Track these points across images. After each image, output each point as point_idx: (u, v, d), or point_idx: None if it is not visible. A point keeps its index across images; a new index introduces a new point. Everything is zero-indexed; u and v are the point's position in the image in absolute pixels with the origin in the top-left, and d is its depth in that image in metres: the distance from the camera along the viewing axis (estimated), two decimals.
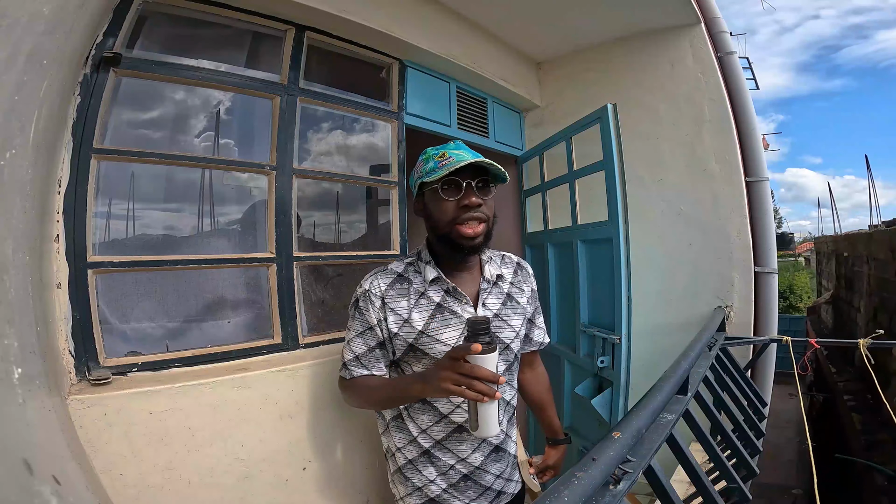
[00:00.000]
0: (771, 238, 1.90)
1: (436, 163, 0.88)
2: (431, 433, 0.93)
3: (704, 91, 1.96)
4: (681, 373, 0.97)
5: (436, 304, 0.92)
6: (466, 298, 0.93)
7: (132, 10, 1.11)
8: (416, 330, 0.89)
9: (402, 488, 0.96)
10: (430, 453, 0.93)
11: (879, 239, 5.31)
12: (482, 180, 0.88)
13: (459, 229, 0.87)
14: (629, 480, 0.61)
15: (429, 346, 0.89)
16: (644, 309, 1.90)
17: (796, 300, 14.66)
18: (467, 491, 0.94)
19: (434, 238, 0.94)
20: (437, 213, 0.90)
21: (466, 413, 0.92)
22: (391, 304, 0.91)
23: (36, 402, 0.62)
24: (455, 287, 0.92)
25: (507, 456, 1.00)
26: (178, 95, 1.27)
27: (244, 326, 1.32)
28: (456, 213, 0.87)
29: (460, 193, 0.86)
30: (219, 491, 1.08)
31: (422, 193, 0.94)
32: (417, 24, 1.68)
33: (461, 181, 0.86)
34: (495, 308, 0.97)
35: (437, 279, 0.93)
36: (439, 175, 0.84)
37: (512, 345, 0.98)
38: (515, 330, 0.99)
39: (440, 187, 0.86)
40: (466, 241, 0.88)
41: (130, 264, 1.12)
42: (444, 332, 0.90)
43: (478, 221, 0.88)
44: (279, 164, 1.35)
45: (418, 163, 0.94)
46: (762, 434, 1.42)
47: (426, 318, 0.90)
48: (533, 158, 2.20)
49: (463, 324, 0.91)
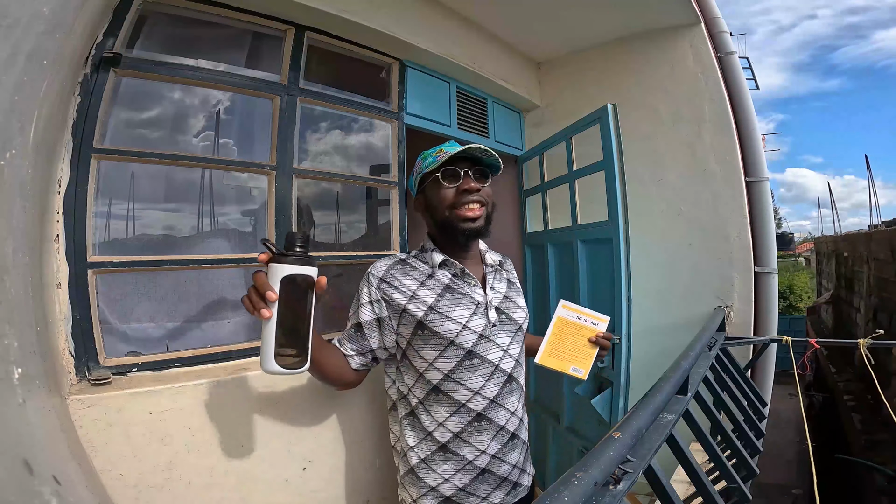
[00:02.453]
0: (771, 238, 1.90)
1: (434, 158, 0.92)
2: (449, 426, 0.91)
3: (704, 91, 1.96)
4: (681, 373, 0.97)
5: (445, 285, 0.93)
6: (475, 280, 0.96)
7: (132, 10, 1.10)
8: (426, 305, 0.90)
9: (413, 490, 0.94)
10: (447, 448, 0.91)
11: (879, 239, 5.31)
12: (479, 170, 0.93)
13: (459, 213, 0.91)
14: (629, 480, 0.61)
15: (438, 323, 0.90)
16: (644, 309, 1.90)
17: (796, 300, 14.67)
18: (483, 485, 0.92)
19: (436, 227, 0.97)
20: (436, 201, 0.93)
21: (486, 400, 0.90)
22: (393, 283, 0.92)
23: (36, 402, 0.62)
24: (464, 269, 0.95)
25: (523, 443, 1.00)
26: (178, 95, 1.27)
27: (244, 326, 1.32)
28: (455, 198, 0.91)
29: (459, 180, 0.91)
30: (219, 491, 1.08)
31: (422, 190, 0.97)
32: (417, 24, 1.68)
33: (459, 170, 0.91)
34: (503, 291, 1.00)
35: (446, 262, 0.95)
36: (439, 162, 0.89)
37: (523, 325, 1.01)
38: (524, 310, 1.03)
39: (440, 176, 0.90)
40: (467, 224, 0.91)
41: (130, 264, 1.12)
42: (454, 309, 0.91)
43: (478, 205, 0.92)
44: (279, 164, 1.35)
45: (416, 164, 0.98)
46: (762, 434, 1.42)
47: (435, 295, 0.92)
48: (533, 158, 2.20)
49: (474, 304, 0.93)
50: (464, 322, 0.90)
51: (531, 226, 2.33)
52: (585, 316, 0.94)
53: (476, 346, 0.91)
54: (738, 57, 2.04)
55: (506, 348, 0.95)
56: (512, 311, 0.98)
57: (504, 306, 0.98)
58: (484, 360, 0.92)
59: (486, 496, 0.92)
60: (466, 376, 0.91)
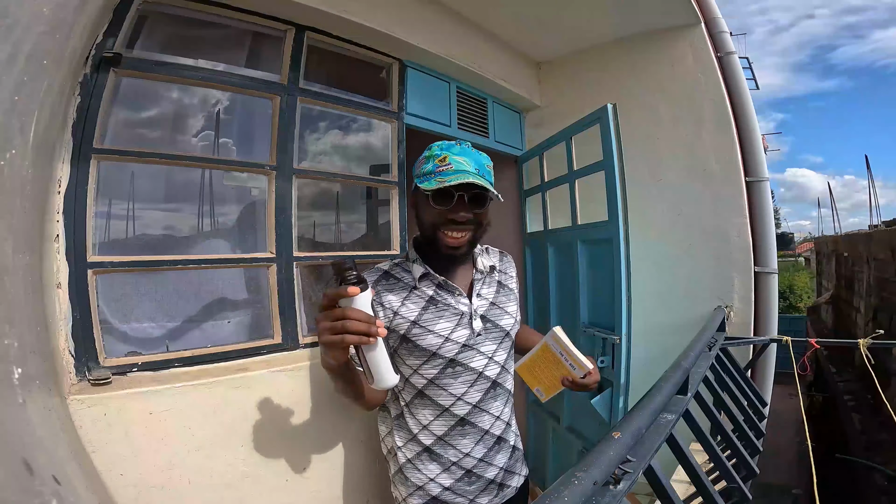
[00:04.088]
0: (771, 238, 1.90)
1: (434, 166, 0.86)
2: (433, 429, 0.92)
3: (704, 91, 1.96)
4: (681, 373, 0.97)
5: (428, 297, 0.92)
6: (459, 290, 0.94)
7: (132, 10, 1.10)
8: (409, 320, 0.89)
9: (402, 489, 0.96)
10: (431, 450, 0.93)
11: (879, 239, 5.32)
12: (475, 194, 0.86)
13: (442, 237, 0.88)
14: (629, 480, 0.61)
15: (421, 337, 0.89)
16: (644, 309, 1.89)
17: (796, 300, 14.68)
18: (469, 486, 0.93)
19: (423, 238, 0.95)
20: (424, 216, 0.90)
21: (468, 406, 0.92)
22: (378, 300, 0.91)
23: (36, 402, 0.62)
24: (445, 280, 0.93)
25: (510, 447, 1.00)
26: (178, 95, 1.27)
27: (244, 326, 1.32)
28: (442, 221, 0.87)
29: (450, 205, 0.85)
30: (219, 491, 1.08)
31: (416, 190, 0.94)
32: (417, 24, 1.68)
33: (454, 192, 0.84)
34: (490, 297, 0.98)
35: (426, 275, 0.93)
36: (431, 187, 0.83)
37: (511, 332, 0.99)
38: (513, 316, 1.00)
39: (431, 196, 0.85)
40: (449, 250, 0.89)
41: (130, 264, 1.12)
42: (437, 322, 0.90)
43: (462, 231, 0.88)
44: (279, 164, 1.35)
45: (421, 157, 0.93)
46: (762, 434, 1.42)
47: (418, 309, 0.90)
48: (533, 158, 2.20)
49: (458, 315, 0.92)
50: (446, 335, 0.90)
51: (531, 226, 2.33)
52: (567, 356, 0.91)
53: (458, 354, 0.90)
54: (738, 57, 2.04)
55: (491, 355, 0.94)
56: (499, 319, 0.97)
57: (490, 314, 0.96)
58: (467, 368, 0.91)
59: (472, 497, 0.94)
60: (449, 382, 0.91)
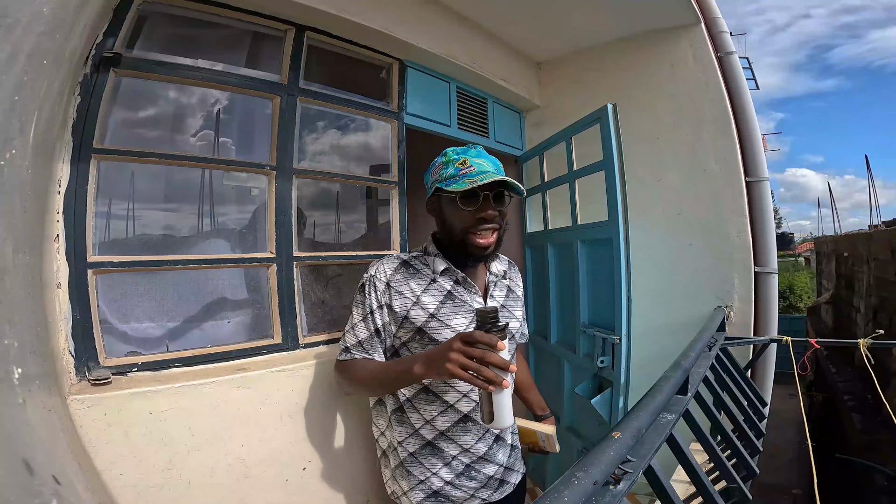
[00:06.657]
0: (771, 238, 1.90)
1: (456, 170, 0.88)
2: (436, 424, 0.94)
3: (704, 91, 1.95)
4: (681, 373, 0.97)
5: (447, 292, 0.94)
6: (476, 289, 0.96)
7: (132, 10, 1.10)
8: (427, 312, 0.91)
9: (403, 483, 0.97)
10: (433, 445, 0.94)
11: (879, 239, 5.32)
12: (498, 193, 0.89)
13: (473, 238, 0.89)
14: (629, 480, 0.61)
15: (437, 330, 0.90)
16: (644, 309, 1.89)
17: (796, 300, 14.67)
18: (470, 482, 0.95)
19: (447, 240, 0.96)
20: (452, 219, 0.91)
21: (473, 403, 0.94)
22: (398, 287, 0.92)
23: (36, 402, 0.62)
24: (465, 277, 0.95)
25: (508, 445, 1.03)
26: (178, 95, 1.27)
27: (244, 326, 1.32)
28: (471, 223, 0.89)
29: (478, 205, 0.87)
30: (219, 491, 1.08)
31: (436, 196, 0.94)
32: (417, 24, 1.68)
33: (479, 192, 0.87)
34: (501, 300, 1.01)
35: (448, 270, 0.95)
36: (461, 187, 0.84)
37: (516, 335, 1.03)
38: (519, 320, 1.04)
39: (459, 197, 0.87)
40: (479, 251, 0.90)
41: (130, 264, 1.12)
42: (454, 318, 0.92)
43: (492, 231, 0.90)
44: (279, 164, 1.35)
45: (436, 164, 0.94)
46: (762, 434, 1.42)
47: (437, 302, 0.92)
48: (533, 158, 2.20)
49: (472, 313, 0.93)
50: (461, 330, 0.91)
51: (531, 226, 2.33)
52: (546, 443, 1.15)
53: None
54: (738, 57, 2.03)
55: None
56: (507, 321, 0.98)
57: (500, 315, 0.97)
58: None
59: (472, 493, 0.95)
60: (457, 380, 0.91)
